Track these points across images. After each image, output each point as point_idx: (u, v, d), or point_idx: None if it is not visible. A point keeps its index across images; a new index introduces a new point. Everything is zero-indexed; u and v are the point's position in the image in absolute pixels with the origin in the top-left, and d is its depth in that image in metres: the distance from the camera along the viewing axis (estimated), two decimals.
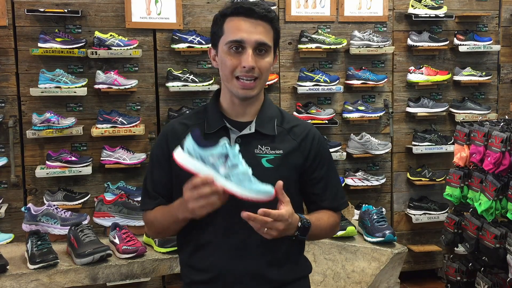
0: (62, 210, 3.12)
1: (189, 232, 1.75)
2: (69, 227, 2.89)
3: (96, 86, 3.83)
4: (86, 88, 3.80)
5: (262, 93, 1.82)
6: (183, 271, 1.86)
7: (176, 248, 2.42)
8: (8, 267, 2.66)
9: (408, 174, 4.46)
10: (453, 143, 4.18)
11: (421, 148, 4.35)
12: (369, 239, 3.06)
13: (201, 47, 3.95)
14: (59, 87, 3.75)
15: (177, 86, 3.94)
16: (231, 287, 1.74)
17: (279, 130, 1.79)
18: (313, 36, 4.16)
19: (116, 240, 2.87)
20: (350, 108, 4.27)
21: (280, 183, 1.58)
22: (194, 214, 1.58)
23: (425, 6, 4.33)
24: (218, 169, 1.54)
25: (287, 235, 1.63)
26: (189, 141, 1.56)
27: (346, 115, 4.27)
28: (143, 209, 1.88)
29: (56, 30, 3.83)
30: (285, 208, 1.58)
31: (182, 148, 1.58)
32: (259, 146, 1.74)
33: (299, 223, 1.65)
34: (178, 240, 1.86)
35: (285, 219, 1.57)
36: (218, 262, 1.73)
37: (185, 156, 1.56)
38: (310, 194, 1.85)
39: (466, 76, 4.43)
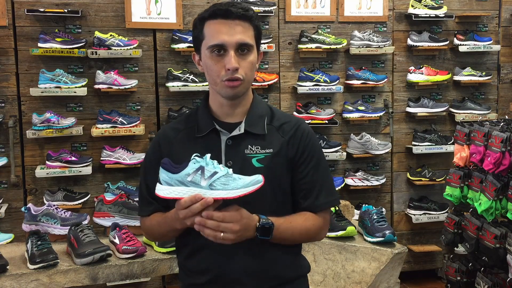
0: (62, 210, 3.12)
1: (186, 235, 1.75)
2: (69, 227, 2.89)
3: (96, 86, 3.83)
4: (86, 88, 3.80)
5: (250, 92, 1.81)
6: (181, 273, 1.87)
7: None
8: (8, 267, 2.65)
9: (408, 174, 4.45)
10: (453, 143, 4.18)
11: (421, 148, 4.35)
12: (369, 239, 3.06)
13: None
14: (59, 87, 3.75)
15: (177, 86, 3.94)
16: None
17: (269, 128, 1.77)
18: (313, 36, 4.16)
19: (116, 240, 2.86)
20: (350, 108, 4.27)
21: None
22: (193, 226, 1.60)
23: (425, 6, 4.33)
24: (200, 184, 1.55)
25: (247, 237, 1.62)
26: (162, 173, 1.59)
27: (346, 115, 4.27)
28: (140, 215, 1.89)
29: (56, 30, 3.83)
30: (238, 209, 1.59)
31: (160, 182, 1.60)
32: (249, 146, 1.73)
33: (258, 223, 1.63)
34: (176, 242, 1.87)
35: (236, 219, 1.57)
36: (215, 264, 1.73)
37: (165, 187, 1.58)
38: (296, 192, 1.78)
39: (466, 76, 4.42)
